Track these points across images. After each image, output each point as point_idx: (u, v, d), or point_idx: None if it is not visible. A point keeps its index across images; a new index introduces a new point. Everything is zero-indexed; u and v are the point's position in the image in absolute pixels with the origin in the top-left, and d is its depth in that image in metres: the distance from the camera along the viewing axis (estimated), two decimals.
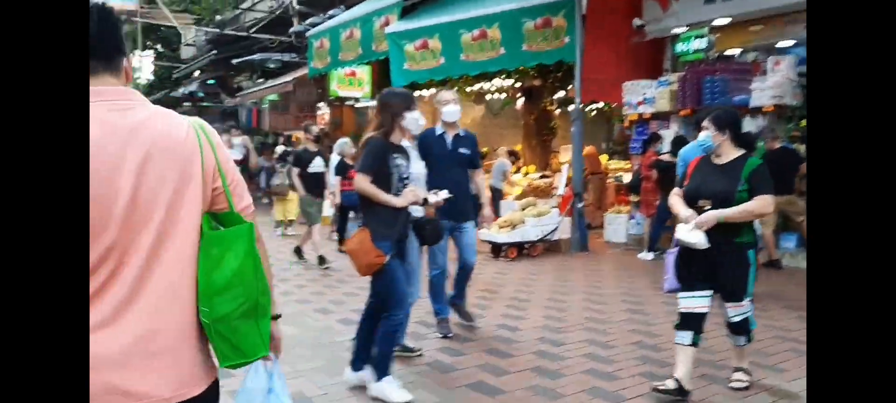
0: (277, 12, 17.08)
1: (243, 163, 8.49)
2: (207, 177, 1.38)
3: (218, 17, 21.11)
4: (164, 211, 1.31)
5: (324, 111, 18.06)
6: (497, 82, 12.89)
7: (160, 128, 1.34)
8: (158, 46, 31.38)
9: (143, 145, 1.30)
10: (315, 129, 8.11)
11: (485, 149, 12.41)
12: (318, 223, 7.75)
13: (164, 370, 1.31)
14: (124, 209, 1.27)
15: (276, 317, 1.59)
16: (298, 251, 7.95)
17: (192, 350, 1.36)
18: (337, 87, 13.72)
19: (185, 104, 24.44)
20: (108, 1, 1.40)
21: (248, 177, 17.71)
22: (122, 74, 1.38)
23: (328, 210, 10.01)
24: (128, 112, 1.32)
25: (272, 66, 17.73)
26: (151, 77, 32.67)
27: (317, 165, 7.62)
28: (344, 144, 8.50)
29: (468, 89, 13.43)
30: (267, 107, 18.93)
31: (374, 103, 16.67)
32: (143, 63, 33.49)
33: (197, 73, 24.28)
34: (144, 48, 29.33)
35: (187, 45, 24.32)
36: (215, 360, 1.44)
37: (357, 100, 16.04)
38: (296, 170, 7.66)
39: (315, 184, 7.63)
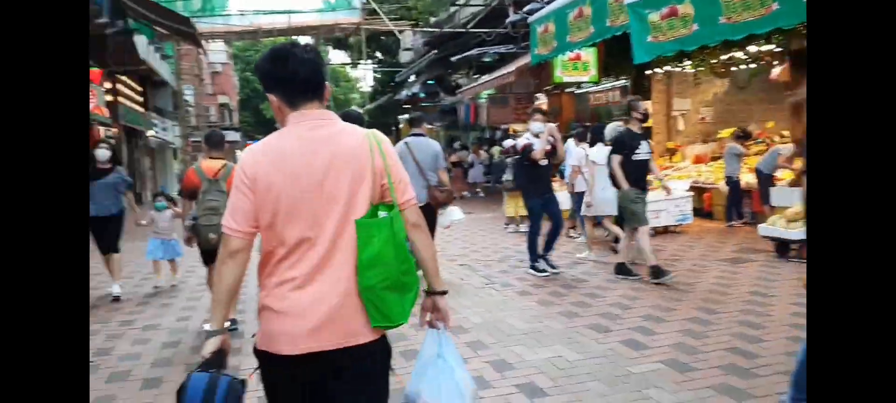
0: (492, 4, 16.80)
1: (552, 153, 6.62)
2: (376, 176, 1.74)
3: (433, 19, 21.60)
4: (343, 202, 1.69)
5: (542, 100, 17.41)
6: (750, 49, 11.00)
7: (342, 140, 1.74)
8: (378, 54, 33.61)
9: (328, 153, 1.71)
10: (643, 106, 6.44)
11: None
12: (646, 224, 6.04)
13: (336, 323, 1.68)
14: (314, 201, 1.68)
15: (441, 293, 1.92)
16: (622, 268, 6.22)
17: (356, 310, 1.70)
18: (561, 73, 12.90)
19: (406, 106, 25.69)
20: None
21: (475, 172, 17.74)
22: (324, 98, 1.79)
23: (566, 202, 9.28)
24: (320, 129, 1.75)
25: (488, 59, 17.52)
26: (373, 84, 35.24)
27: (643, 151, 6.01)
28: (619, 130, 7.34)
29: (712, 61, 11.72)
30: (484, 102, 18.82)
31: (598, 88, 15.61)
32: (366, 72, 36.38)
33: (412, 78, 25.32)
34: (368, 58, 31.53)
35: (405, 49, 25.37)
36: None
37: (579, 85, 15.02)
38: (617, 158, 5.98)
39: (641, 175, 6.02)
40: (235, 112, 50.25)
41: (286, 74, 1.75)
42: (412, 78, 25.61)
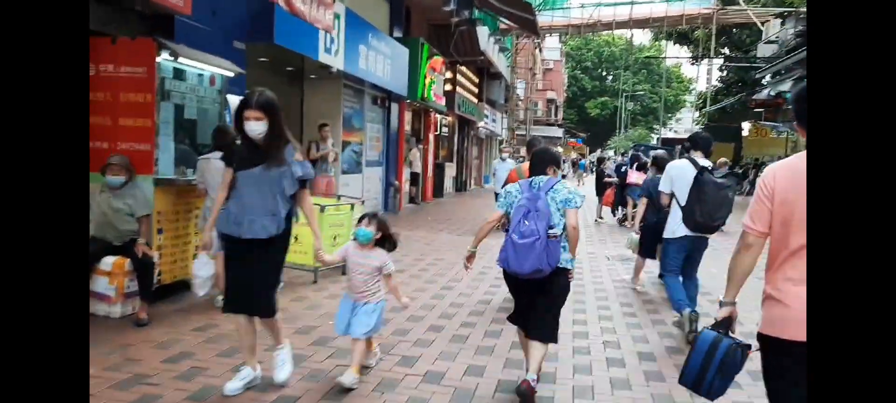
0: None
1: None
2: None
3: None
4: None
5: None
6: None
7: None
8: (725, 50, 29.38)
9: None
10: None
11: None
12: None
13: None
14: (800, 219, 1.91)
15: None
16: None
17: None
18: None
19: (758, 109, 21.57)
20: None
21: None
22: None
23: None
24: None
25: None
26: (716, 83, 31.06)
27: None
28: None
29: None
30: None
31: None
32: (702, 72, 32.38)
33: (768, 77, 20.99)
34: (714, 54, 27.78)
35: (768, 42, 21.19)
36: None
37: None
38: None
39: None
40: (561, 109, 50.52)
41: (803, 109, 1.99)
42: (768, 77, 21.30)
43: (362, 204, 6.89)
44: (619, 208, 12.44)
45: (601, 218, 12.98)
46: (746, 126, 29.16)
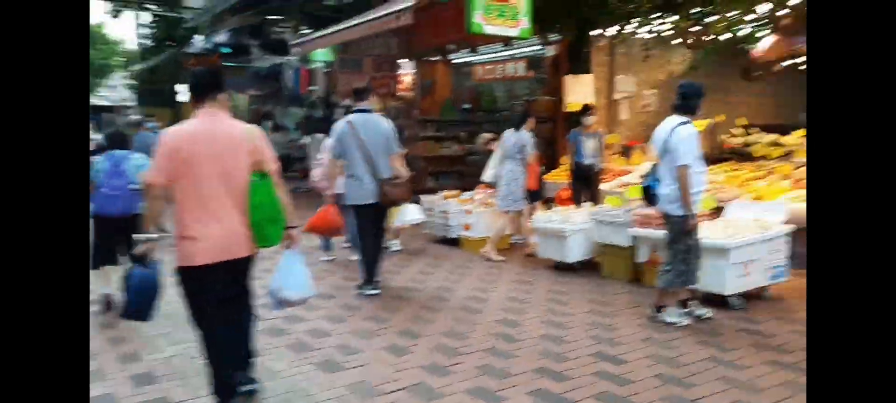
0: None
1: None
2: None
3: None
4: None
5: (407, 69, 12.54)
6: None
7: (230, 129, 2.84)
8: (155, 6, 25.60)
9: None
10: None
11: None
12: None
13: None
14: (204, 172, 2.73)
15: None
16: None
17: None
18: (482, 19, 8.19)
19: (198, 70, 18.94)
20: None
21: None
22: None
23: None
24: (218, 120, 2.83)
25: (332, 2, 12.28)
26: (145, 42, 27.01)
27: None
28: None
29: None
30: (321, 66, 13.49)
31: (492, 56, 11.28)
32: (130, 29, 28.09)
33: (198, 37, 18.67)
34: (140, 8, 23.76)
35: None
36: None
37: (509, 40, 9.41)
38: None
39: None
40: None
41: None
42: (199, 37, 18.75)
43: None
44: None
45: None
46: (181, 88, 26.37)
